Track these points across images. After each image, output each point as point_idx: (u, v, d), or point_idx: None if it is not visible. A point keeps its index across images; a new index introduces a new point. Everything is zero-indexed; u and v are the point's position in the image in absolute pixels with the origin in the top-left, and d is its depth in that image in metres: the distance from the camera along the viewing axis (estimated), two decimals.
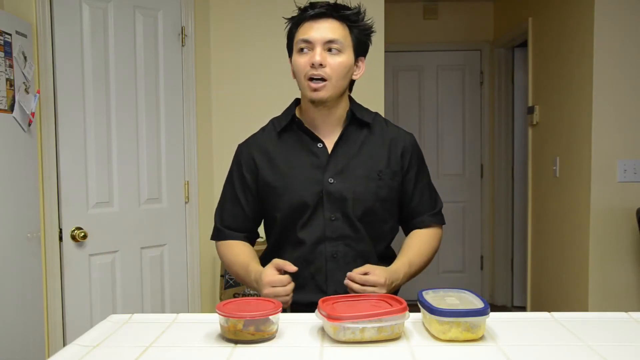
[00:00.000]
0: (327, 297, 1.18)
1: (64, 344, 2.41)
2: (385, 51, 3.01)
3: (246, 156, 1.51)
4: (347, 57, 1.41)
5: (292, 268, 1.32)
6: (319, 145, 1.46)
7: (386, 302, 1.16)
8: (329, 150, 1.45)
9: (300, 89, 1.46)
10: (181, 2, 2.78)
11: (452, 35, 4.61)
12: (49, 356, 1.82)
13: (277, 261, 1.36)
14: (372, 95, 2.92)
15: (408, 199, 1.52)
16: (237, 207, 1.52)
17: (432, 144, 4.64)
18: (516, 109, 4.48)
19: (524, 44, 4.09)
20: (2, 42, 2.10)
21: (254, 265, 1.42)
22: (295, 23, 1.45)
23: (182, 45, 2.80)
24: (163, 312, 2.77)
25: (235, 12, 3.00)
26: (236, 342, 1.07)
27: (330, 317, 1.06)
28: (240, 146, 1.56)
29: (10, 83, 2.15)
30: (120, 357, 1.02)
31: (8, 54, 2.13)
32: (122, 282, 2.61)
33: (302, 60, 1.40)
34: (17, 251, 2.21)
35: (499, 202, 4.59)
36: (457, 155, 4.70)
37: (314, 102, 1.41)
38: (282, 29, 1.51)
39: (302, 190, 1.43)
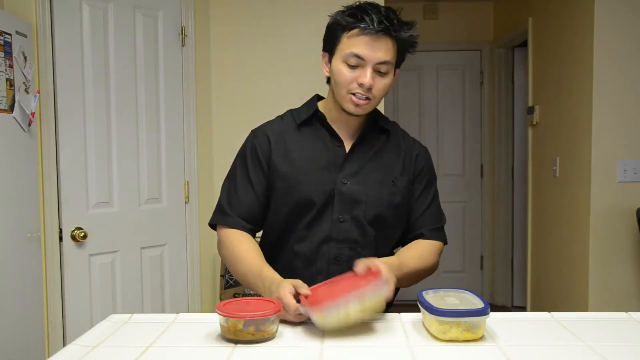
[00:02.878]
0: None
1: (64, 344, 2.41)
2: None
3: (262, 139, 1.45)
4: (391, 77, 1.38)
5: (306, 292, 1.17)
6: (338, 144, 1.43)
7: (364, 278, 1.16)
8: (347, 151, 1.43)
9: (335, 93, 1.41)
10: (181, 2, 2.78)
11: (452, 35, 4.61)
12: (49, 356, 1.82)
13: (295, 282, 1.21)
14: None
15: (411, 208, 1.48)
16: (248, 190, 1.44)
17: (432, 144, 4.64)
18: (516, 109, 4.48)
19: (524, 44, 4.09)
20: (2, 42, 2.10)
21: (267, 271, 1.32)
22: (345, 26, 1.34)
23: (182, 45, 2.80)
24: (163, 312, 2.77)
25: (235, 12, 3.00)
26: (236, 342, 1.07)
27: (312, 305, 1.09)
28: (254, 130, 1.49)
29: (10, 83, 2.15)
30: (120, 357, 1.02)
31: (8, 54, 2.13)
32: (122, 282, 2.61)
33: (350, 75, 1.34)
34: (17, 251, 2.21)
35: (499, 202, 4.59)
36: (457, 155, 4.70)
37: (349, 114, 1.39)
38: (282, 29, 1.51)
39: (314, 187, 1.39)
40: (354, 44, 1.32)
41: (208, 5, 2.97)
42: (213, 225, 1.49)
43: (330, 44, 1.40)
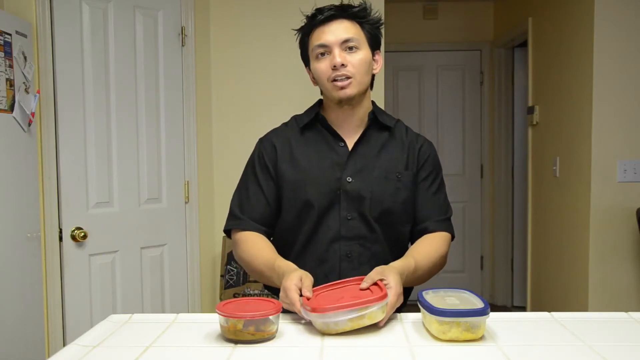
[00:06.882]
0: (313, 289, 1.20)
1: (64, 344, 2.41)
2: (385, 51, 2.99)
3: (268, 146, 1.49)
4: (364, 52, 1.42)
5: (308, 294, 1.18)
6: (341, 144, 1.46)
7: (370, 291, 1.17)
8: (350, 150, 1.45)
9: (324, 93, 1.47)
10: (181, 2, 2.78)
11: (452, 35, 4.61)
12: (49, 356, 1.82)
13: (303, 276, 1.22)
14: (372, 95, 2.92)
15: (416, 200, 1.49)
16: (259, 196, 1.47)
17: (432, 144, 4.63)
18: (516, 109, 4.48)
19: (524, 44, 4.09)
20: (2, 42, 2.10)
21: (280, 261, 1.35)
22: (306, 32, 1.45)
23: (182, 45, 2.80)
24: (163, 312, 2.77)
25: (235, 12, 3.00)
26: (236, 342, 1.07)
27: (313, 309, 1.09)
28: (260, 139, 1.54)
29: (10, 83, 2.15)
30: (120, 357, 1.02)
31: (8, 54, 2.13)
32: (122, 282, 2.61)
33: (322, 65, 1.41)
34: (17, 251, 2.21)
35: (499, 202, 4.59)
36: (457, 155, 4.70)
37: (341, 102, 1.42)
38: (282, 29, 1.52)
39: (320, 187, 1.42)
40: (315, 38, 1.42)
41: (208, 5, 2.97)
42: (228, 231, 1.51)
43: (305, 55, 1.49)
